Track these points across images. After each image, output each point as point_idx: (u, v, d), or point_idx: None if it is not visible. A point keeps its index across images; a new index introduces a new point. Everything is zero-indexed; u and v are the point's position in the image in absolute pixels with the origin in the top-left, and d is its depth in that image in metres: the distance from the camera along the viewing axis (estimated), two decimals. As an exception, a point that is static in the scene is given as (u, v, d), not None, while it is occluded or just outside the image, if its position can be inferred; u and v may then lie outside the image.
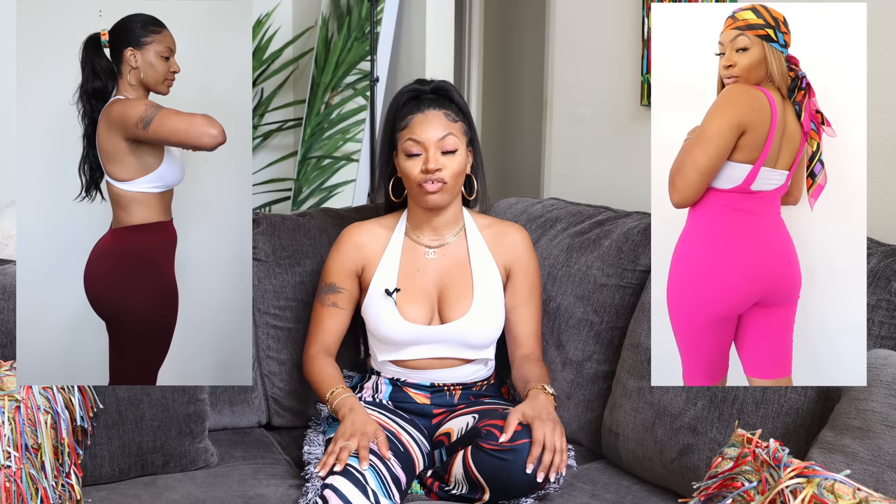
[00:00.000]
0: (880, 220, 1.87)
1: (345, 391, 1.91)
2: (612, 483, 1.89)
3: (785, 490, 1.25)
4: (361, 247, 2.04)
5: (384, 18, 3.55)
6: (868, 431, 1.43)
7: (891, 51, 1.85)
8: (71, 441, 1.67)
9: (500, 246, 2.06)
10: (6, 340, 1.82)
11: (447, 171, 1.94)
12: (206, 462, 1.94)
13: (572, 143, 2.81)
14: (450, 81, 2.06)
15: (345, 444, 1.73)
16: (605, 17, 2.62)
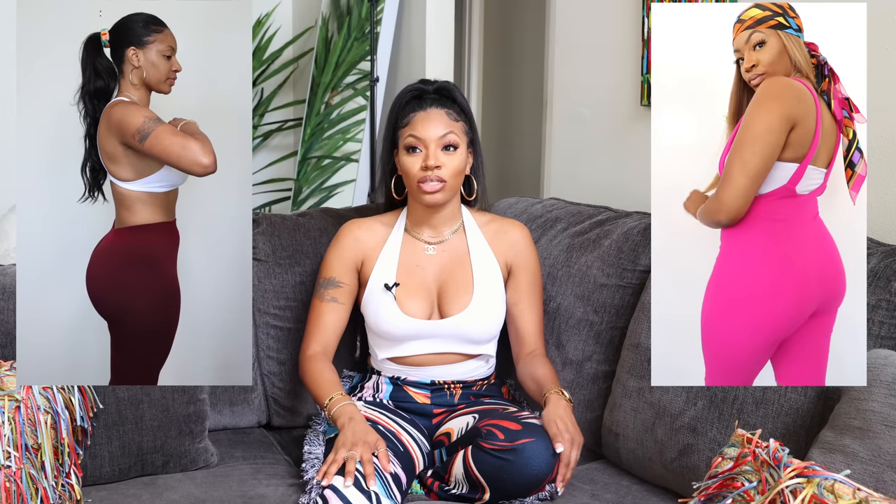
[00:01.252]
0: (880, 220, 1.87)
1: (343, 398, 1.87)
2: (612, 483, 1.89)
3: (785, 490, 1.25)
4: (361, 241, 2.04)
5: (384, 18, 3.55)
6: (868, 431, 1.43)
7: (891, 51, 1.85)
8: (71, 441, 1.67)
9: (500, 242, 2.06)
10: (6, 340, 1.82)
11: (447, 169, 1.94)
12: (206, 462, 1.94)
13: (572, 143, 2.81)
14: (452, 82, 2.07)
15: (350, 454, 1.69)
16: (605, 17, 2.62)
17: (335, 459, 1.70)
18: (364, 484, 1.67)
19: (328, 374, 1.95)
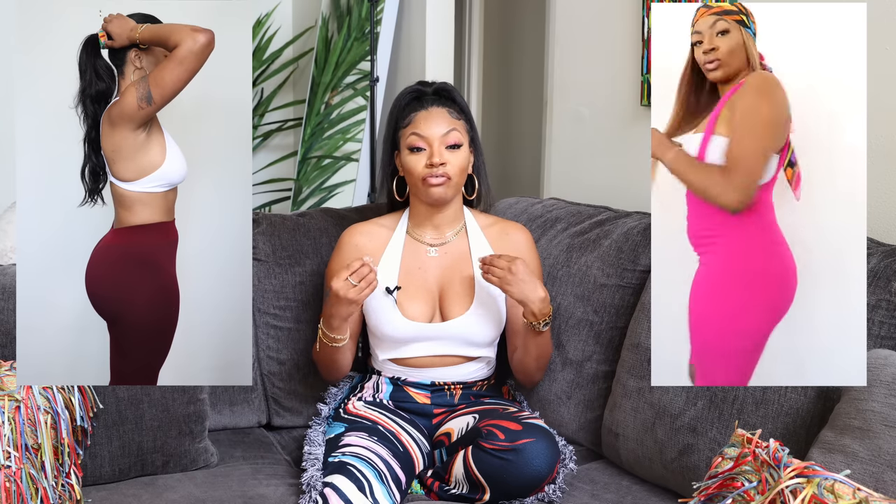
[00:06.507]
0: (880, 220, 1.87)
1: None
2: (612, 483, 1.89)
3: (785, 490, 1.25)
4: (361, 247, 2.04)
5: (384, 18, 3.55)
6: (868, 431, 1.43)
7: (891, 51, 1.85)
8: (71, 441, 1.67)
9: (502, 244, 2.06)
10: (6, 340, 1.82)
11: (451, 167, 1.94)
12: (206, 462, 1.94)
13: (572, 143, 2.81)
14: (451, 83, 2.08)
15: (359, 263, 1.84)
16: (605, 17, 2.62)
17: (351, 265, 1.84)
18: (365, 484, 1.67)
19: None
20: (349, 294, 1.84)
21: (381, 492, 1.69)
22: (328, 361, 2.01)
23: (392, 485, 1.73)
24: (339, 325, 1.92)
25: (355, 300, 1.86)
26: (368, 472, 1.71)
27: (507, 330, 2.07)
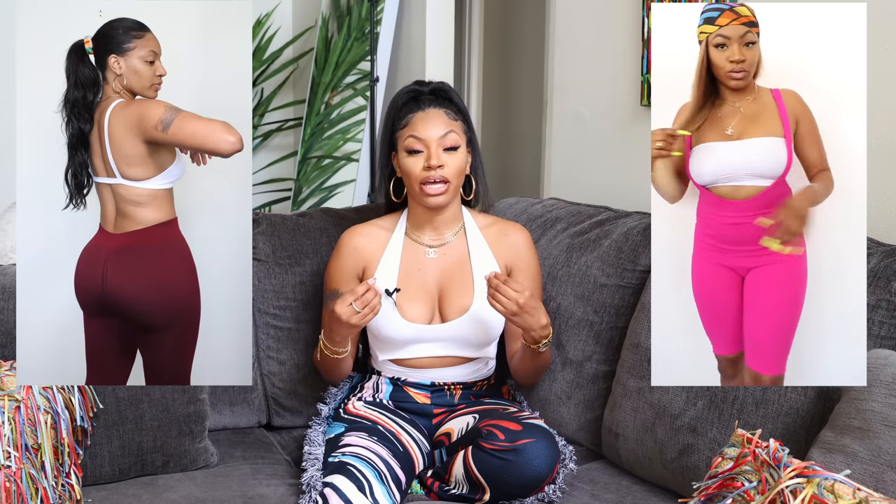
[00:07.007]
0: (880, 220, 1.87)
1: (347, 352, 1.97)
2: (612, 483, 1.89)
3: (785, 490, 1.25)
4: (360, 249, 2.04)
5: (384, 18, 3.55)
6: (868, 431, 1.43)
7: (891, 51, 1.85)
8: (71, 441, 1.67)
9: (501, 245, 2.06)
10: (6, 340, 1.82)
11: (449, 169, 1.94)
12: (206, 462, 1.94)
13: (572, 143, 2.81)
14: (448, 83, 2.07)
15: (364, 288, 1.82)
16: (605, 17, 2.62)
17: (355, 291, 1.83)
18: (365, 484, 1.67)
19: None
20: (352, 320, 1.83)
21: (381, 492, 1.69)
22: (329, 368, 2.02)
23: (392, 485, 1.73)
24: (340, 340, 1.92)
25: (358, 326, 1.85)
26: (368, 472, 1.71)
27: (506, 334, 2.07)
